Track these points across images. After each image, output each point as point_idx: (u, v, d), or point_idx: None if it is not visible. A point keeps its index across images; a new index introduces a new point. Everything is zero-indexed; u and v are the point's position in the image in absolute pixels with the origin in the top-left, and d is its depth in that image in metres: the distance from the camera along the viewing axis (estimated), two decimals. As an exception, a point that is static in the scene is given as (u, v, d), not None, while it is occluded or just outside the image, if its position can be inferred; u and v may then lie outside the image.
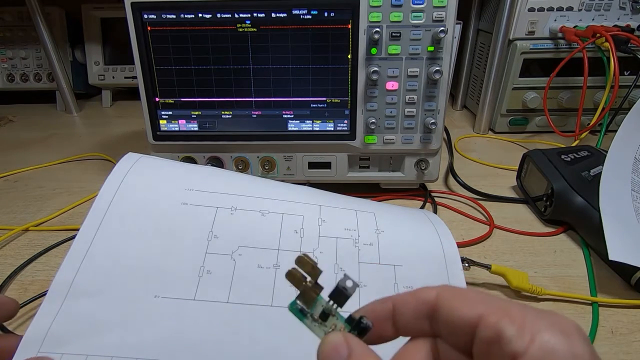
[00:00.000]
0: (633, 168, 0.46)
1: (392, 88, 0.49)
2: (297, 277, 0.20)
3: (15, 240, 0.47)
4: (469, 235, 0.47)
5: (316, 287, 0.20)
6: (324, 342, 0.18)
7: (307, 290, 0.20)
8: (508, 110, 0.76)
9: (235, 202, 0.37)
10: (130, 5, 0.46)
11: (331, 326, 0.20)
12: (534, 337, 0.15)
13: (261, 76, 0.49)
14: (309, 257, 0.20)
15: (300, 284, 0.20)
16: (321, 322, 0.20)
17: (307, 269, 0.20)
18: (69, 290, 0.30)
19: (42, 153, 0.71)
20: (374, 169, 0.55)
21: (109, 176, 0.36)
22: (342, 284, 0.20)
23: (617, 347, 0.34)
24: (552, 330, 0.15)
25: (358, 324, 0.19)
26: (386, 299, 0.20)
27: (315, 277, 0.20)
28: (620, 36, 0.61)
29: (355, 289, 0.20)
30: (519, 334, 0.15)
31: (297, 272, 0.20)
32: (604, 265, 0.43)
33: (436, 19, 0.46)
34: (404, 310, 0.19)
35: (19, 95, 0.98)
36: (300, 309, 0.20)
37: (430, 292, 0.19)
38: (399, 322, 0.19)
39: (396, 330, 0.20)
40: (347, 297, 0.20)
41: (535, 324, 0.15)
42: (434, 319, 0.18)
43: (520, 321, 0.15)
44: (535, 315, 0.15)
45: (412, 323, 0.19)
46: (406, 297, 0.19)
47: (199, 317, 0.30)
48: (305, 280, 0.20)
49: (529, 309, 0.16)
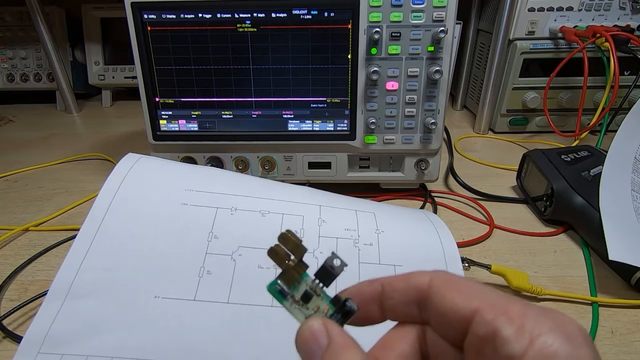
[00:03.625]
0: (633, 168, 0.46)
1: (392, 88, 0.49)
2: (279, 254, 0.19)
3: (15, 240, 0.47)
4: (469, 235, 0.47)
5: (300, 265, 0.19)
6: (303, 327, 0.17)
7: (289, 269, 0.19)
8: (508, 110, 0.76)
9: (235, 203, 0.37)
10: (130, 5, 0.46)
11: (314, 308, 0.19)
12: (533, 339, 0.13)
13: (261, 76, 0.49)
14: (293, 234, 0.19)
15: (282, 262, 0.19)
16: (302, 304, 0.19)
17: (291, 246, 0.19)
18: (69, 290, 0.30)
19: (42, 153, 0.71)
20: (374, 169, 0.55)
21: (109, 176, 0.36)
22: (329, 263, 0.19)
23: (617, 347, 0.34)
24: (554, 333, 0.13)
25: (342, 306, 0.18)
26: (375, 280, 0.19)
27: (299, 255, 0.19)
28: (620, 36, 0.61)
29: (343, 269, 0.19)
30: (517, 334, 0.14)
31: (281, 249, 0.19)
32: (604, 265, 0.43)
33: (436, 19, 0.46)
34: (392, 294, 0.18)
35: (19, 95, 0.97)
36: (280, 290, 0.19)
37: (423, 277, 0.17)
38: (386, 305, 0.18)
39: (383, 313, 0.19)
40: (334, 276, 0.19)
41: (536, 325, 0.14)
42: (424, 306, 0.17)
43: (520, 320, 0.14)
44: (537, 315, 0.14)
45: (401, 308, 0.18)
46: (396, 280, 0.18)
47: (199, 317, 0.30)
48: (289, 258, 0.19)
49: (530, 307, 0.15)
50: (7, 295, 0.39)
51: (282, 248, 0.19)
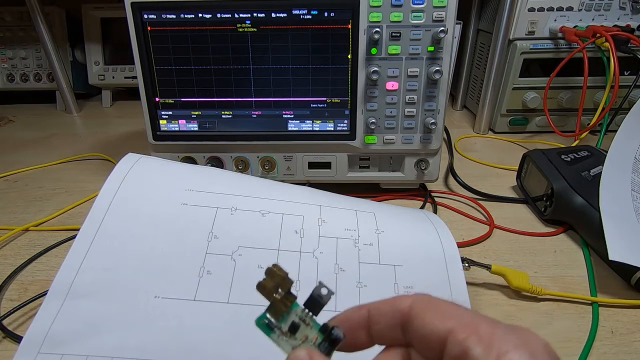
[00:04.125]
0: (633, 168, 0.46)
1: (392, 88, 0.49)
2: (267, 288, 0.20)
3: (15, 240, 0.47)
4: (469, 235, 0.47)
5: (287, 298, 0.20)
6: (289, 357, 0.18)
7: (277, 302, 0.19)
8: (508, 110, 0.76)
9: (235, 203, 0.37)
10: (130, 5, 0.46)
11: (302, 338, 0.19)
12: (500, 356, 0.14)
13: (261, 76, 0.49)
14: (279, 268, 0.20)
15: (270, 296, 0.20)
16: (290, 335, 0.19)
17: (277, 280, 0.20)
18: (69, 290, 0.30)
19: (42, 153, 0.71)
20: (374, 169, 0.55)
21: (109, 176, 0.36)
22: (316, 292, 0.19)
23: (617, 347, 0.34)
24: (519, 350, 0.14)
25: (329, 334, 0.19)
26: (362, 306, 0.20)
27: (285, 288, 0.20)
28: (620, 36, 0.61)
29: (330, 297, 0.19)
30: (485, 353, 0.15)
31: (268, 283, 0.20)
32: (604, 265, 0.43)
33: (436, 19, 0.46)
34: (379, 319, 0.19)
35: (19, 95, 0.97)
36: (267, 324, 0.20)
37: (405, 301, 0.18)
38: (373, 330, 0.19)
39: (371, 338, 0.19)
40: (322, 305, 0.19)
41: (503, 343, 0.15)
42: (407, 329, 0.18)
43: (488, 339, 0.15)
44: (504, 333, 0.15)
45: (387, 332, 0.19)
46: (382, 306, 0.19)
47: (199, 317, 0.30)
48: (277, 291, 0.20)
49: (499, 326, 0.16)
50: (7, 295, 0.39)
51: (270, 282, 0.20)
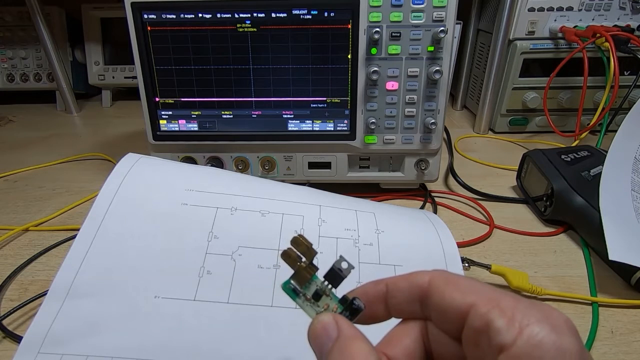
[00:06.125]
0: (633, 168, 0.46)
1: (392, 88, 0.49)
2: (292, 256, 0.20)
3: (15, 240, 0.47)
4: (469, 235, 0.47)
5: (311, 267, 0.20)
6: (315, 321, 0.19)
7: (301, 270, 0.20)
8: (508, 110, 0.76)
9: (235, 203, 0.37)
10: (130, 5, 0.46)
11: (324, 306, 0.20)
12: (522, 329, 0.15)
13: (261, 76, 0.49)
14: (304, 238, 0.20)
15: (295, 264, 0.20)
16: (313, 302, 0.20)
17: (302, 250, 0.20)
18: (69, 290, 0.30)
19: (42, 153, 0.71)
20: (374, 169, 0.55)
21: (109, 176, 0.36)
22: (337, 265, 0.20)
23: (617, 347, 0.34)
24: (542, 323, 0.15)
25: (350, 305, 0.20)
26: (380, 280, 0.20)
27: (310, 258, 0.20)
28: (620, 36, 0.61)
29: (350, 271, 0.20)
30: (508, 325, 0.15)
31: (293, 252, 0.21)
32: (604, 265, 0.43)
33: (436, 19, 0.46)
34: (396, 293, 0.19)
35: (19, 95, 0.97)
36: (293, 289, 0.20)
37: (424, 276, 0.19)
38: (391, 304, 0.20)
39: (388, 311, 0.20)
40: (342, 278, 0.20)
41: (525, 316, 0.15)
42: (426, 303, 0.19)
43: (510, 313, 0.15)
44: (526, 307, 0.15)
45: (404, 306, 0.19)
46: (399, 280, 0.20)
47: (199, 317, 0.30)
48: (300, 260, 0.20)
49: (521, 300, 0.16)
50: (7, 295, 0.39)
51: (294, 251, 0.20)
